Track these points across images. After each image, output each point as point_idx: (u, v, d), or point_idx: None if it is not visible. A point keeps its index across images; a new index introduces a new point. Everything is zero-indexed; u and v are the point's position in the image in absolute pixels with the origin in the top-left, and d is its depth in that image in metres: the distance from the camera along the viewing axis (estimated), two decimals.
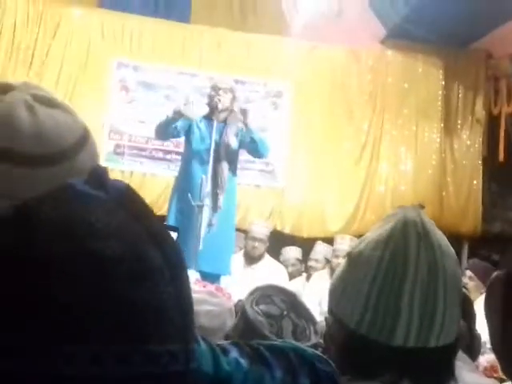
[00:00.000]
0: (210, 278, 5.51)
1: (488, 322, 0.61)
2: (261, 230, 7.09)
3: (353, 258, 1.32)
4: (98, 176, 0.72)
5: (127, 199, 0.72)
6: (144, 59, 8.32)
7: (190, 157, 6.16)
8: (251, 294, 2.24)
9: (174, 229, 2.57)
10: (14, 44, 8.09)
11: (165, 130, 6.18)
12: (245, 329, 2.11)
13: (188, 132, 6.19)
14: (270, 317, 2.14)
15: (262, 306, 2.17)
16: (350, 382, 1.17)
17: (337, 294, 1.32)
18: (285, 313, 2.16)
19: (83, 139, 1.07)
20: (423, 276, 1.24)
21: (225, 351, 1.03)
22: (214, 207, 5.99)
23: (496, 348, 0.59)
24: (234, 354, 1.03)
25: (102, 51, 8.22)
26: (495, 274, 0.62)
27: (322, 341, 2.12)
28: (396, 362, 1.23)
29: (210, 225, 5.91)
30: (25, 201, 0.70)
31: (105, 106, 8.18)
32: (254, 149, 6.15)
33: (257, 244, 6.97)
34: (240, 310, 2.22)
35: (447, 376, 1.28)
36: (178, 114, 6.05)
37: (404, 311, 1.23)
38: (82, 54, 8.18)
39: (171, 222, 5.93)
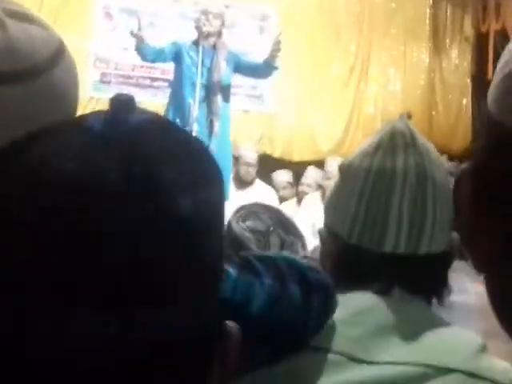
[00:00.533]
0: None
1: (457, 222, 0.59)
2: (251, 154, 7.12)
3: (343, 171, 1.33)
4: (116, 108, 0.63)
5: (130, 141, 0.61)
6: None
7: (180, 83, 6.12)
8: (237, 211, 2.24)
9: None
10: None
11: (141, 53, 6.15)
12: (232, 245, 2.11)
13: (178, 58, 6.13)
14: (256, 232, 2.14)
15: (248, 223, 2.16)
16: (343, 291, 1.18)
17: (330, 207, 1.34)
18: (271, 228, 2.16)
19: (59, 53, 1.03)
20: (412, 184, 1.25)
21: None
22: (210, 134, 5.98)
23: (467, 248, 0.58)
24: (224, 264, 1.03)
25: None
26: (460, 169, 0.60)
27: (309, 255, 2.13)
28: (387, 269, 1.24)
29: None
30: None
31: (89, 35, 8.06)
32: (259, 70, 6.17)
33: (249, 169, 7.00)
34: (226, 227, 2.22)
35: (439, 285, 1.29)
36: (138, 38, 6.02)
37: (392, 220, 1.24)
38: None
39: None
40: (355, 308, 1.18)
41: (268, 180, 7.52)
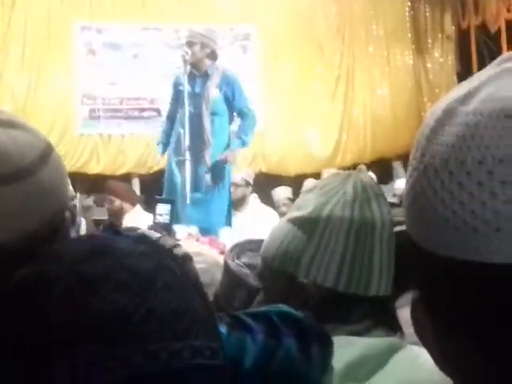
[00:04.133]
0: (208, 231, 5.57)
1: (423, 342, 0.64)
2: (236, 175, 7.00)
3: (321, 221, 1.36)
4: (112, 227, 0.83)
5: (143, 237, 0.84)
6: (106, 19, 8.21)
7: (175, 115, 6.14)
8: (231, 250, 2.26)
9: (169, 201, 2.59)
10: None
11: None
12: (230, 283, 2.12)
13: (176, 93, 6.15)
14: (253, 268, 2.15)
15: (243, 259, 2.18)
16: (332, 330, 1.22)
17: (306, 257, 1.36)
18: None
19: (45, 154, 1.11)
20: (388, 232, 1.34)
21: None
22: (204, 162, 5.99)
23: (435, 359, 0.62)
24: None
25: (63, 16, 8.09)
26: (412, 298, 0.63)
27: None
28: (370, 311, 1.32)
29: (199, 180, 5.94)
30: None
31: (74, 73, 8.09)
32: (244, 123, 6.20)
33: (237, 189, 6.89)
34: (223, 267, 2.24)
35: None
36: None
37: (376, 264, 1.33)
38: (43, 22, 8.04)
39: (172, 180, 5.96)
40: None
41: (269, 198, 7.53)
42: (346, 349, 1.21)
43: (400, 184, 6.93)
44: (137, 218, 6.05)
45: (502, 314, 0.53)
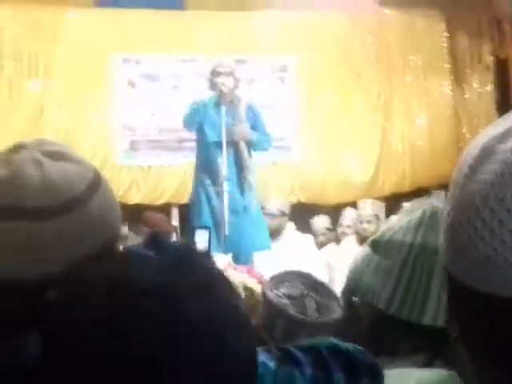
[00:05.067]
0: (243, 258, 5.61)
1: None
2: (270, 205, 6.98)
3: (382, 244, 1.36)
4: (154, 239, 0.81)
5: (181, 259, 0.79)
6: (146, 52, 8.30)
7: (206, 144, 6.17)
8: (269, 281, 2.27)
9: (207, 228, 2.60)
10: (17, 54, 8.08)
11: (192, 121, 6.22)
12: (270, 313, 2.13)
13: (200, 120, 6.20)
14: (292, 298, 2.16)
15: (282, 290, 2.18)
16: (385, 363, 1.19)
17: (365, 278, 1.37)
18: (305, 292, 2.18)
19: (93, 184, 1.14)
20: None
21: None
22: (242, 190, 6.03)
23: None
24: (262, 357, 1.04)
25: (103, 50, 8.20)
26: (453, 336, 0.64)
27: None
28: (427, 341, 1.29)
29: (244, 209, 6.01)
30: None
31: (114, 104, 8.19)
32: (261, 141, 6.26)
33: (270, 220, 6.85)
34: (262, 298, 2.24)
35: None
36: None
37: (434, 292, 1.29)
38: (83, 55, 8.14)
39: (202, 210, 5.98)
40: None
41: (306, 227, 7.52)
42: (400, 382, 1.18)
43: None
44: None
45: None
